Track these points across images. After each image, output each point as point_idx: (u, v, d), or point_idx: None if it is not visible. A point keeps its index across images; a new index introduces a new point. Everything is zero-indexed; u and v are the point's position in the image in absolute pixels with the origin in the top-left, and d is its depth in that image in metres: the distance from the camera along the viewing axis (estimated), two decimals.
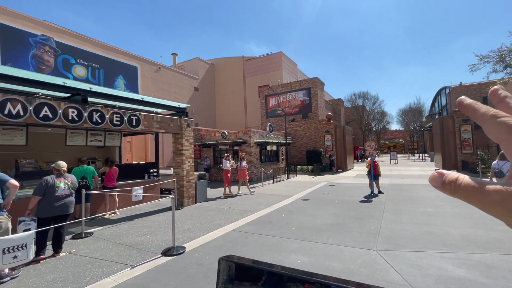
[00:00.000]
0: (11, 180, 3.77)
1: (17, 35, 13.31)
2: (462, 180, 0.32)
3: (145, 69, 20.12)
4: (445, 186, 0.33)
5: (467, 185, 0.32)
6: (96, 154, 9.95)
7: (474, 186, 0.31)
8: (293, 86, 24.42)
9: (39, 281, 3.65)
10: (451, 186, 0.33)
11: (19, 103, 4.79)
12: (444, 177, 0.34)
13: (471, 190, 0.31)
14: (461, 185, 0.32)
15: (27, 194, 5.28)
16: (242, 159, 10.86)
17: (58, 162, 4.63)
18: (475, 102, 0.37)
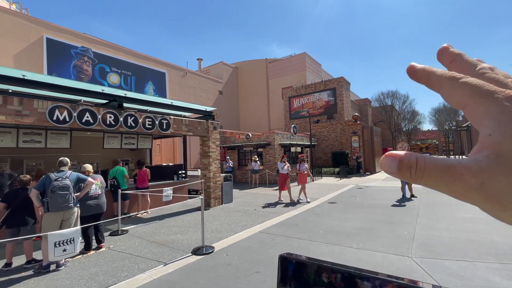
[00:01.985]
0: (89, 179, 4.51)
1: (60, 47, 14.60)
2: (425, 163, 0.26)
3: (173, 74, 20.99)
4: (403, 172, 0.27)
5: (433, 169, 0.25)
6: (129, 156, 10.56)
7: (441, 169, 0.25)
8: (317, 87, 24.01)
9: (83, 273, 3.96)
10: (410, 172, 0.26)
11: (65, 110, 5.25)
12: (398, 161, 0.27)
13: (438, 175, 0.25)
14: (424, 170, 0.26)
15: None
16: (303, 162, 9.59)
17: (84, 165, 5.02)
18: (428, 67, 0.32)
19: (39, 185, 4.03)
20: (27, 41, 13.41)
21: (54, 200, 3.98)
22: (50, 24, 14.42)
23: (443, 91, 0.29)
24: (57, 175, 4.12)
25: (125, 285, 3.59)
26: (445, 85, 0.29)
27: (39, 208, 4.10)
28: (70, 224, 4.18)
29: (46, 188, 4.00)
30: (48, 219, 4.04)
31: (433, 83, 0.30)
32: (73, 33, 15.37)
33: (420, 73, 0.31)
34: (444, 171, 0.25)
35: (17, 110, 4.70)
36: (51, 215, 4.01)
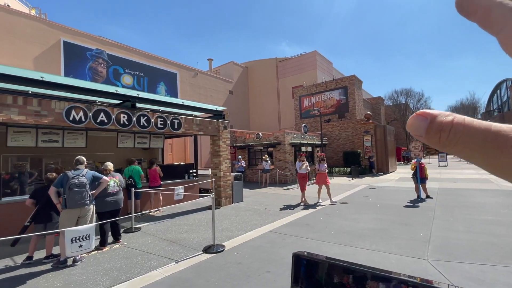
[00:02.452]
0: (104, 177, 4.64)
1: (77, 50, 15.07)
2: (464, 127, 0.20)
3: (184, 75, 21.27)
4: (431, 136, 0.21)
5: (473, 135, 0.20)
6: (142, 156, 10.77)
7: (485, 137, 0.19)
8: (328, 86, 23.70)
9: (98, 269, 4.06)
10: (440, 137, 0.21)
11: (81, 110, 5.41)
12: (429, 121, 0.22)
13: (480, 144, 0.19)
14: (461, 135, 0.20)
15: None
16: (322, 161, 8.78)
17: (105, 163, 5.17)
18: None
19: (57, 182, 4.17)
20: (46, 45, 13.92)
21: (71, 197, 4.11)
22: (67, 28, 14.91)
23: (504, 35, 0.21)
24: (74, 173, 4.25)
25: (138, 281, 3.66)
26: (494, 6, 0.21)
27: (57, 204, 4.24)
28: (86, 221, 4.31)
29: (64, 185, 4.13)
30: (66, 216, 4.17)
31: (493, 21, 0.22)
32: (89, 36, 15.83)
33: (476, 3, 0.22)
34: (489, 140, 0.19)
35: (36, 110, 4.88)
36: (69, 212, 4.14)
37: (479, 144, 0.20)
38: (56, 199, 4.21)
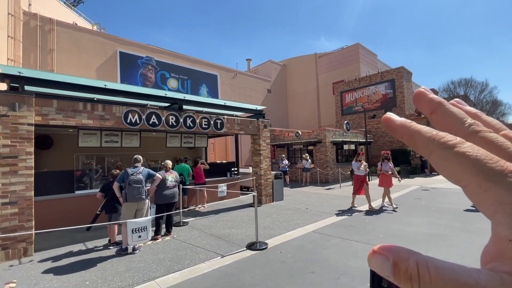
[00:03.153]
0: (157, 174, 5.09)
1: (130, 59, 16.64)
2: (430, 277, 0.19)
3: (224, 76, 21.99)
4: (401, 282, 0.20)
5: (440, 286, 0.19)
6: (188, 154, 11.45)
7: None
8: (373, 79, 22.24)
9: (154, 258, 4.46)
10: (412, 286, 0.20)
11: (136, 113, 5.98)
12: (392, 263, 0.21)
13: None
14: (430, 285, 0.19)
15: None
16: (386, 160, 7.75)
17: (166, 161, 5.65)
18: (408, 123, 0.24)
19: (119, 178, 4.70)
20: (105, 56, 15.66)
21: (130, 192, 4.60)
22: (122, 39, 16.55)
23: (434, 160, 0.22)
24: (132, 171, 4.73)
25: (188, 272, 3.92)
26: (436, 153, 0.22)
27: (119, 198, 4.78)
28: (142, 214, 4.77)
29: (125, 181, 4.63)
30: (126, 208, 4.67)
31: (420, 147, 0.23)
32: (140, 45, 17.34)
33: (400, 131, 0.24)
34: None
35: (101, 115, 5.54)
36: (128, 205, 4.64)
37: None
38: (119, 193, 4.74)
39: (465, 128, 0.23)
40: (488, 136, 0.22)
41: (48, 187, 6.07)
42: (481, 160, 0.20)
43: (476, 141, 0.22)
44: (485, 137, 0.22)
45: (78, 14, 18.37)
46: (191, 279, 3.71)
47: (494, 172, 0.19)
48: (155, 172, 5.09)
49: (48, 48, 13.52)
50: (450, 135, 0.22)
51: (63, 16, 15.98)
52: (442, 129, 0.24)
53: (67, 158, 8.30)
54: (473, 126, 0.23)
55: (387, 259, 0.21)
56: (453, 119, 0.24)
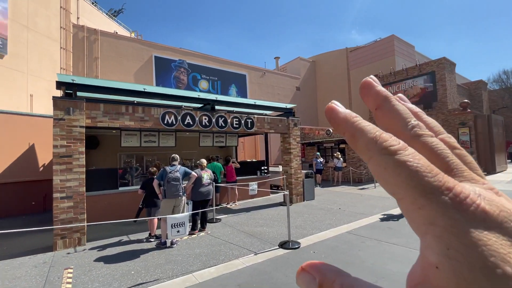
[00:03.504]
0: (192, 173, 5.33)
1: (164, 62, 17.53)
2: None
3: (252, 76, 22.16)
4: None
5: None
6: (219, 153, 11.78)
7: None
8: (410, 73, 20.81)
9: (190, 252, 4.69)
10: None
11: (172, 115, 6.30)
12: (318, 284, 0.20)
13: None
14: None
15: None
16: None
17: (201, 159, 5.89)
18: (353, 117, 0.22)
19: (159, 176, 5.01)
20: (142, 61, 16.68)
21: (168, 189, 4.88)
22: (157, 44, 17.49)
23: (372, 166, 0.20)
24: (170, 169, 5.01)
25: (223, 268, 4.05)
26: (375, 159, 0.20)
27: (159, 194, 5.09)
28: (179, 210, 5.03)
29: (163, 178, 4.92)
30: (165, 204, 4.97)
31: (360, 149, 0.21)
32: (173, 49, 18.18)
33: (343, 127, 0.22)
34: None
35: (141, 116, 5.93)
36: (167, 201, 4.92)
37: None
38: (158, 190, 5.05)
39: (407, 130, 0.22)
40: (429, 141, 0.21)
41: (96, 184, 6.66)
42: (420, 172, 0.18)
43: (417, 146, 0.21)
44: (426, 142, 0.21)
45: (118, 23, 19.80)
46: (226, 274, 3.83)
47: (430, 188, 0.18)
48: (191, 171, 5.32)
49: (93, 56, 14.78)
50: (393, 139, 0.20)
51: (106, 26, 17.34)
52: (384, 127, 0.23)
53: (111, 157, 9.03)
54: (415, 129, 0.22)
55: (314, 279, 0.21)
56: (397, 119, 0.22)
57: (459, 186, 0.18)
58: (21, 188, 8.11)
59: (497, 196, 0.19)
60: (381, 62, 23.84)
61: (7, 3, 11.07)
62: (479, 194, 0.18)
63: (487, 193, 0.18)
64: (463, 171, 0.20)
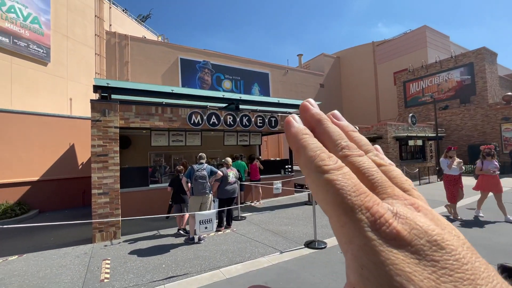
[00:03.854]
0: (218, 171, 5.49)
1: (189, 64, 18.06)
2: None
3: (275, 74, 22.07)
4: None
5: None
6: (243, 152, 11.90)
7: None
8: (445, 65, 19.44)
9: (217, 248, 4.80)
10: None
11: (199, 115, 6.49)
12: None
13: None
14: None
15: None
16: (488, 156, 5.93)
17: (226, 158, 6.03)
18: (302, 134, 0.23)
19: (187, 173, 5.19)
20: (168, 63, 17.33)
21: (196, 187, 5.04)
22: (182, 47, 18.06)
23: (308, 183, 0.21)
24: (198, 167, 5.17)
25: (249, 265, 4.10)
26: (310, 176, 0.21)
27: (187, 191, 5.28)
28: (206, 207, 5.17)
29: (191, 176, 5.09)
30: (193, 201, 5.14)
31: (302, 165, 0.22)
32: (197, 50, 18.67)
33: (291, 141, 0.23)
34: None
35: (169, 117, 6.18)
36: (195, 198, 5.09)
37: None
38: (187, 187, 5.24)
39: (338, 151, 0.22)
40: (356, 161, 0.22)
41: (128, 181, 7.06)
42: (345, 191, 0.19)
43: (348, 166, 0.21)
44: (353, 162, 0.22)
45: (146, 28, 20.75)
46: (253, 271, 3.87)
47: (351, 206, 0.18)
48: (217, 169, 5.45)
49: (124, 61, 15.64)
50: (331, 159, 0.21)
51: (135, 31, 18.25)
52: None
53: (142, 156, 9.51)
54: (344, 150, 0.22)
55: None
56: (328, 140, 0.23)
57: (376, 205, 0.18)
58: (62, 185, 8.83)
59: (415, 212, 0.19)
60: (412, 55, 22.54)
61: (49, 15, 12.08)
62: (396, 213, 0.18)
63: (404, 211, 0.19)
64: (387, 188, 0.21)
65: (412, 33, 23.27)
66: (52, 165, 8.72)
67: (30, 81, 11.21)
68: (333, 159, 0.21)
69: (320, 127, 0.24)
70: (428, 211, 0.20)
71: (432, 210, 0.20)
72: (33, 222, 7.22)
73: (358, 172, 0.21)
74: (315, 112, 0.25)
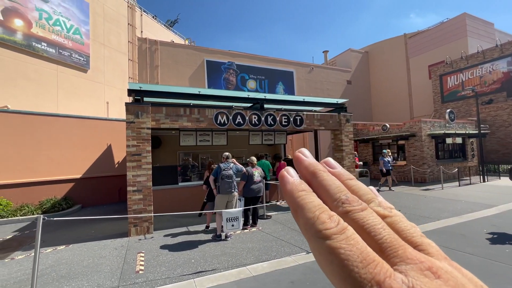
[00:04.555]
0: (244, 169, 5.64)
1: (215, 65, 18.49)
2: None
3: (300, 72, 21.76)
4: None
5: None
6: (267, 151, 11.94)
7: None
8: (489, 55, 17.74)
9: (243, 246, 4.88)
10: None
11: (224, 115, 6.63)
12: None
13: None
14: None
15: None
16: None
17: (251, 157, 6.10)
18: (297, 191, 0.21)
19: (214, 172, 5.34)
20: (195, 65, 17.90)
21: (222, 186, 5.16)
22: (208, 49, 18.54)
23: (311, 249, 0.20)
24: (224, 166, 5.29)
25: (275, 263, 4.12)
26: (311, 242, 0.19)
27: (214, 190, 5.42)
28: (232, 205, 5.28)
29: (218, 175, 5.23)
30: (219, 200, 5.28)
31: (301, 227, 0.20)
32: (222, 52, 19.04)
33: (287, 199, 0.22)
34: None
35: (197, 117, 6.40)
36: (221, 197, 5.22)
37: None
38: (213, 185, 5.39)
39: (338, 206, 0.21)
40: (359, 218, 0.20)
41: (159, 179, 7.43)
42: (350, 262, 0.17)
43: (349, 223, 0.19)
44: (355, 219, 0.20)
45: (174, 32, 21.61)
46: (279, 270, 3.89)
47: (359, 281, 0.17)
48: (243, 168, 5.53)
49: (154, 65, 16.46)
50: (332, 220, 0.19)
51: (164, 36, 19.11)
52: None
53: (171, 156, 9.96)
54: (345, 205, 0.20)
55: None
56: (326, 195, 0.21)
57: (389, 278, 0.17)
58: (101, 182, 9.55)
59: (434, 280, 0.17)
60: (449, 46, 20.88)
61: (89, 26, 13.10)
62: (412, 287, 0.16)
63: (419, 280, 0.17)
64: (397, 249, 0.19)
65: (449, 22, 21.53)
66: (92, 164, 9.47)
67: (72, 87, 12.28)
68: (335, 220, 0.20)
69: (316, 180, 0.23)
70: (448, 276, 0.17)
71: (453, 271, 0.18)
72: (77, 215, 7.91)
73: (363, 231, 0.19)
74: (308, 163, 0.24)
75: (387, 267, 0.17)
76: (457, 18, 21.01)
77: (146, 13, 18.16)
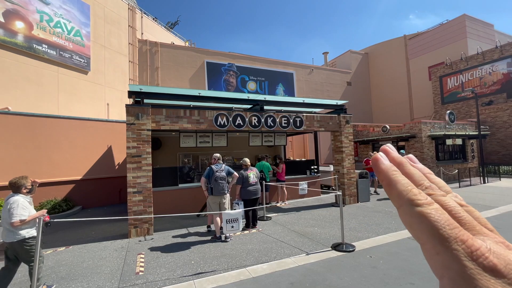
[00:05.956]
0: (235, 173, 5.56)
1: (215, 67, 18.53)
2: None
3: (300, 73, 21.80)
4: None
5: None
6: (267, 152, 11.95)
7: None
8: (488, 56, 17.78)
9: (243, 248, 4.88)
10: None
11: (224, 116, 6.65)
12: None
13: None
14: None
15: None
16: None
17: (244, 159, 6.08)
18: (392, 170, 0.26)
19: (206, 174, 5.34)
20: (195, 67, 17.95)
21: (216, 187, 5.18)
22: (208, 50, 18.60)
23: (401, 213, 0.24)
24: (216, 168, 5.30)
25: (275, 265, 4.12)
26: (403, 207, 0.24)
27: (204, 191, 5.40)
28: (225, 207, 5.28)
29: (210, 177, 5.24)
30: (212, 201, 5.30)
31: (393, 196, 0.25)
32: (222, 53, 19.09)
33: (382, 176, 0.27)
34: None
35: (197, 119, 6.41)
36: (214, 198, 5.26)
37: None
38: (204, 187, 5.38)
39: (422, 190, 0.25)
40: (441, 200, 0.24)
41: (159, 181, 7.44)
42: (439, 224, 0.22)
43: (433, 201, 0.24)
44: (438, 200, 0.24)
45: (174, 34, 21.67)
46: (279, 271, 3.89)
47: (447, 237, 0.21)
48: (233, 171, 5.54)
49: (154, 67, 16.51)
50: (422, 195, 0.24)
51: (164, 38, 19.17)
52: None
53: (171, 157, 9.97)
54: (428, 190, 0.25)
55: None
56: (411, 181, 0.26)
57: (471, 239, 0.21)
58: (101, 183, 9.56)
59: (507, 249, 0.21)
60: (449, 47, 20.93)
61: (89, 28, 13.16)
62: (489, 249, 0.21)
63: (496, 247, 0.21)
64: (475, 226, 0.23)
65: (449, 23, 21.59)
66: (93, 165, 9.49)
67: (73, 88, 12.31)
68: (423, 195, 0.24)
69: (402, 168, 0.27)
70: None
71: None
72: (77, 217, 7.92)
73: (445, 210, 0.24)
74: (396, 155, 0.29)
75: (468, 233, 0.22)
76: (457, 20, 21.06)
77: (146, 15, 18.23)
